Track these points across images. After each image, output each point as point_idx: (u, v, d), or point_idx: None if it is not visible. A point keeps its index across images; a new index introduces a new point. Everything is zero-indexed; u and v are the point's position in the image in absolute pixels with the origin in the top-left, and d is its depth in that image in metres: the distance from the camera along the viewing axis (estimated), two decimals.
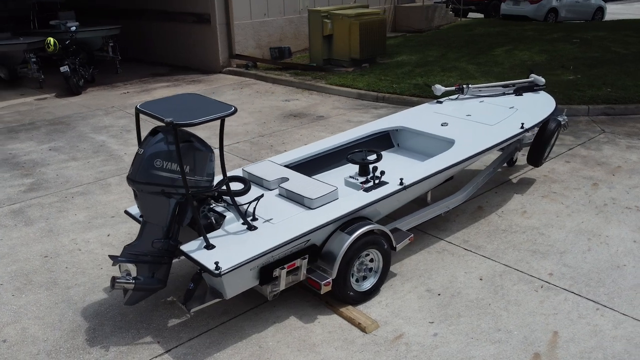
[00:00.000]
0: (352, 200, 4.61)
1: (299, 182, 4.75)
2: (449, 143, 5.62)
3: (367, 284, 4.68)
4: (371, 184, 4.81)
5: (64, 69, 12.25)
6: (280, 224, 4.32)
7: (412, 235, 4.96)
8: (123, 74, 14.84)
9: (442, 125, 6.02)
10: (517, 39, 15.28)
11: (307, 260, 4.34)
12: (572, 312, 4.42)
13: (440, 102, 6.82)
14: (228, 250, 4.04)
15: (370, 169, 5.00)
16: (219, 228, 4.33)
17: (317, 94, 11.95)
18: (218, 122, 4.09)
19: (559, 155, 7.76)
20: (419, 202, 5.63)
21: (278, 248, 4.09)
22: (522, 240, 5.55)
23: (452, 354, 4.02)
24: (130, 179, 4.00)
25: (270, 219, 4.39)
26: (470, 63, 12.87)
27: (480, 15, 23.97)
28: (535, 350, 4.02)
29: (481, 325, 4.32)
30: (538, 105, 6.42)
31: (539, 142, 6.49)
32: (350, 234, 4.39)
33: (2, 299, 4.90)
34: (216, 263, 3.83)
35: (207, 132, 8.83)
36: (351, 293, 4.54)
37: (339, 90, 11.67)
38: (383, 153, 6.19)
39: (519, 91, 6.88)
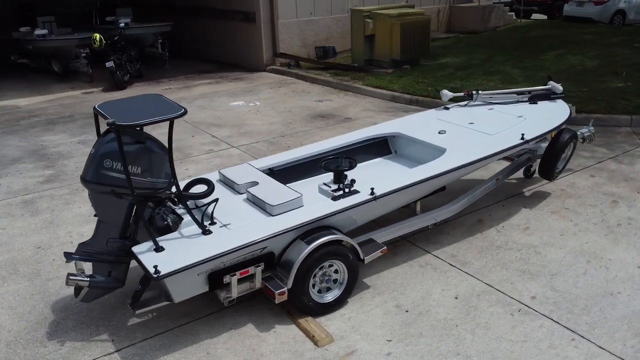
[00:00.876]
0: (316, 208, 4.47)
1: (266, 188, 4.66)
2: (440, 152, 5.36)
3: (330, 296, 4.52)
4: (341, 192, 4.64)
5: (109, 64, 12.69)
6: (236, 230, 4.24)
7: (385, 247, 4.76)
8: (171, 70, 15.21)
9: (439, 132, 5.75)
10: (573, 43, 14.46)
11: (261, 268, 4.23)
12: (543, 341, 4.10)
13: (447, 109, 6.52)
14: (176, 253, 4.00)
15: (345, 177, 4.83)
16: (175, 231, 4.29)
17: (352, 95, 11.78)
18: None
19: (585, 168, 7.25)
20: (409, 213, 5.40)
21: (227, 254, 4.01)
22: (515, 258, 5.21)
23: None
24: (82, 179, 4.04)
25: (228, 224, 4.32)
26: (516, 67, 12.30)
27: (544, 17, 22.89)
28: None
29: (440, 347, 4.08)
30: (549, 115, 6.02)
31: (550, 154, 6.08)
32: (309, 243, 4.26)
33: None
34: (155, 267, 3.80)
35: (229, 131, 8.88)
36: (310, 304, 4.40)
37: (373, 91, 11.46)
38: (379, 160, 5.99)
39: (533, 99, 6.47)
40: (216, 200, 4.38)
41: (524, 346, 4.05)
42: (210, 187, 4.46)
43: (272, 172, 5.40)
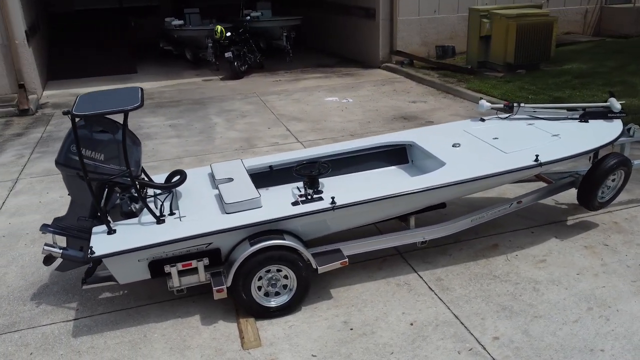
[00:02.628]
0: (271, 211, 4.43)
1: (234, 186, 4.71)
2: (440, 165, 4.98)
3: (277, 301, 4.47)
4: (303, 198, 4.54)
5: (228, 54, 13.50)
6: (187, 222, 4.37)
7: (346, 259, 4.57)
8: (293, 62, 15.71)
9: (452, 146, 5.32)
10: None
11: (203, 263, 4.32)
12: None
13: (483, 120, 5.99)
14: (123, 237, 4.24)
15: (318, 183, 4.72)
16: (136, 216, 4.54)
17: (450, 97, 11.25)
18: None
19: None
20: (404, 226, 5.12)
21: (166, 244, 4.16)
22: (505, 292, 4.69)
23: None
24: (55, 162, 4.44)
25: (184, 216, 4.46)
26: None
27: None
28: None
29: None
30: (592, 136, 5.26)
31: (588, 180, 5.33)
32: (252, 245, 4.25)
33: (16, 245, 5.81)
34: (90, 247, 4.08)
35: (305, 126, 8.99)
36: (252, 306, 4.40)
37: (472, 95, 10.82)
38: (393, 168, 5.72)
39: (585, 116, 5.68)
40: (171, 192, 4.55)
41: None
42: (177, 180, 4.65)
43: (271, 170, 5.43)
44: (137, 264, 4.22)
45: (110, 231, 4.31)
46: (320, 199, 4.51)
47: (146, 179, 4.98)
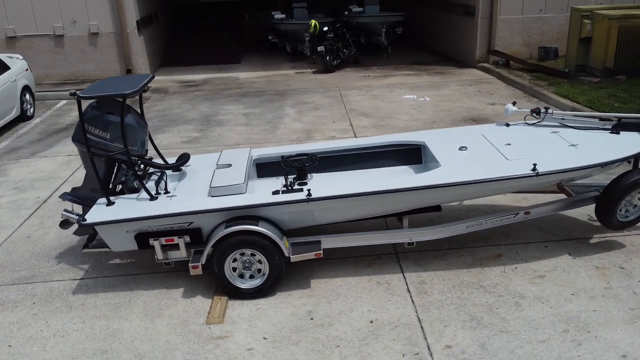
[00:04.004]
0: (251, 198, 4.65)
1: (228, 172, 4.97)
2: (436, 167, 4.90)
3: (249, 283, 4.69)
4: (284, 188, 4.71)
5: (320, 48, 13.82)
6: (174, 201, 4.73)
7: (320, 251, 4.68)
8: (389, 59, 15.67)
9: (459, 149, 5.18)
10: None
11: (184, 240, 4.65)
12: None
13: (508, 125, 5.72)
14: (116, 210, 4.70)
15: (305, 175, 4.87)
16: (137, 192, 4.98)
17: (535, 101, 10.66)
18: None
19: None
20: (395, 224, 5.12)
21: (148, 219, 4.55)
22: (483, 303, 4.53)
23: None
24: (72, 138, 5.00)
25: (175, 196, 4.83)
26: None
27: None
28: None
29: (300, 359, 3.98)
30: (612, 149, 4.85)
31: (607, 196, 4.94)
32: (226, 228, 4.51)
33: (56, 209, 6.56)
34: (83, 215, 4.57)
35: (369, 122, 9.07)
36: (225, 285, 4.66)
37: (557, 101, 10.19)
38: (404, 168, 5.67)
39: (617, 127, 5.22)
40: (164, 173, 4.92)
41: None
42: (178, 164, 5.05)
43: (284, 160, 5.64)
44: (126, 234, 4.65)
45: (109, 203, 4.78)
46: (300, 190, 4.64)
47: (159, 159, 5.42)
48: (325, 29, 14.32)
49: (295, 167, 4.94)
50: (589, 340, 4.03)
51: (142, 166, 5.13)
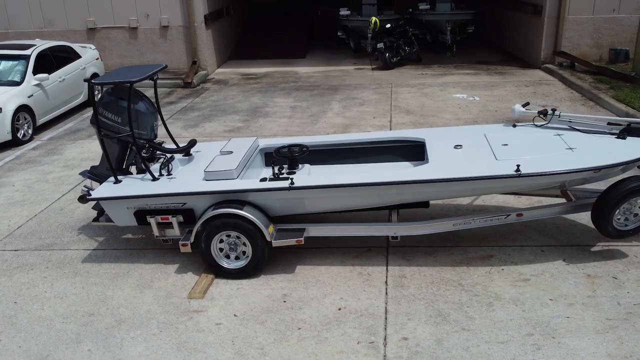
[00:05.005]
0: (239, 184, 4.91)
1: (226, 158, 5.25)
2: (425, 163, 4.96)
3: (234, 264, 4.95)
4: (271, 176, 4.93)
5: (380, 45, 13.88)
6: (172, 183, 5.08)
7: (301, 239, 4.86)
8: (453, 57, 15.43)
9: (454, 147, 5.19)
10: None
11: (177, 219, 4.99)
12: None
13: (514, 126, 5.62)
14: (122, 187, 5.11)
15: (296, 165, 5.08)
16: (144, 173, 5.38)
17: (590, 105, 10.20)
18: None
19: None
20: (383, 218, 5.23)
21: (145, 197, 4.93)
22: (455, 301, 4.54)
23: (207, 342, 4.19)
24: (90, 121, 5.48)
25: (175, 178, 5.18)
26: None
27: None
28: None
29: (258, 337, 4.21)
30: (611, 154, 4.69)
31: (602, 202, 4.77)
32: (213, 210, 4.80)
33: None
34: (89, 191, 5.02)
35: (409, 119, 9.11)
36: (212, 263, 4.96)
37: (612, 105, 9.71)
38: (406, 164, 5.73)
39: (624, 132, 5.01)
40: (172, 157, 5.30)
41: None
42: (184, 147, 5.41)
43: (275, 150, 5.84)
44: (126, 210, 5.05)
45: (117, 181, 5.21)
46: (286, 179, 4.85)
47: (174, 144, 5.81)
48: (388, 26, 14.32)
49: (286, 157, 5.14)
50: (550, 346, 3.97)
51: (150, 149, 5.51)
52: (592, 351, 3.90)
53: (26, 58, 9.71)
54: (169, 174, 5.27)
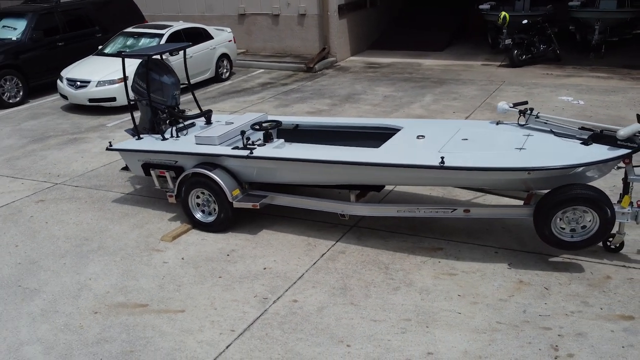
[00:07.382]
0: (216, 149, 5.64)
1: (223, 127, 6.00)
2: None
3: (206, 219, 5.73)
4: (242, 145, 5.57)
5: (508, 41, 13.39)
6: (172, 144, 6.01)
7: (257, 203, 5.43)
8: (600, 59, 14.17)
9: (417, 137, 5.33)
10: None
11: (169, 174, 5.91)
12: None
13: (497, 124, 5.50)
14: (136, 143, 6.19)
15: (271, 138, 5.69)
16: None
17: None
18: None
19: None
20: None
21: (146, 152, 5.94)
22: (368, 280, 4.80)
23: (144, 274, 5.07)
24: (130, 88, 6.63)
25: (179, 139, 6.10)
26: None
27: None
28: None
29: (183, 277, 4.95)
30: (558, 158, 4.51)
31: (541, 206, 4.61)
32: (191, 169, 5.64)
33: None
34: (110, 142, 6.17)
35: (464, 116, 9.02)
36: (188, 214, 5.79)
37: None
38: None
39: (590, 139, 4.69)
40: (193, 123, 6.24)
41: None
42: (199, 115, 6.33)
43: (297, 128, 6.43)
44: (137, 162, 6.10)
45: (138, 137, 6.29)
46: (248, 149, 5.45)
47: (192, 110, 6.74)
48: (524, 22, 13.72)
49: (261, 130, 5.73)
50: (415, 332, 4.10)
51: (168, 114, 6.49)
52: (451, 345, 3.96)
53: (160, 36, 11.43)
54: (177, 136, 6.18)
